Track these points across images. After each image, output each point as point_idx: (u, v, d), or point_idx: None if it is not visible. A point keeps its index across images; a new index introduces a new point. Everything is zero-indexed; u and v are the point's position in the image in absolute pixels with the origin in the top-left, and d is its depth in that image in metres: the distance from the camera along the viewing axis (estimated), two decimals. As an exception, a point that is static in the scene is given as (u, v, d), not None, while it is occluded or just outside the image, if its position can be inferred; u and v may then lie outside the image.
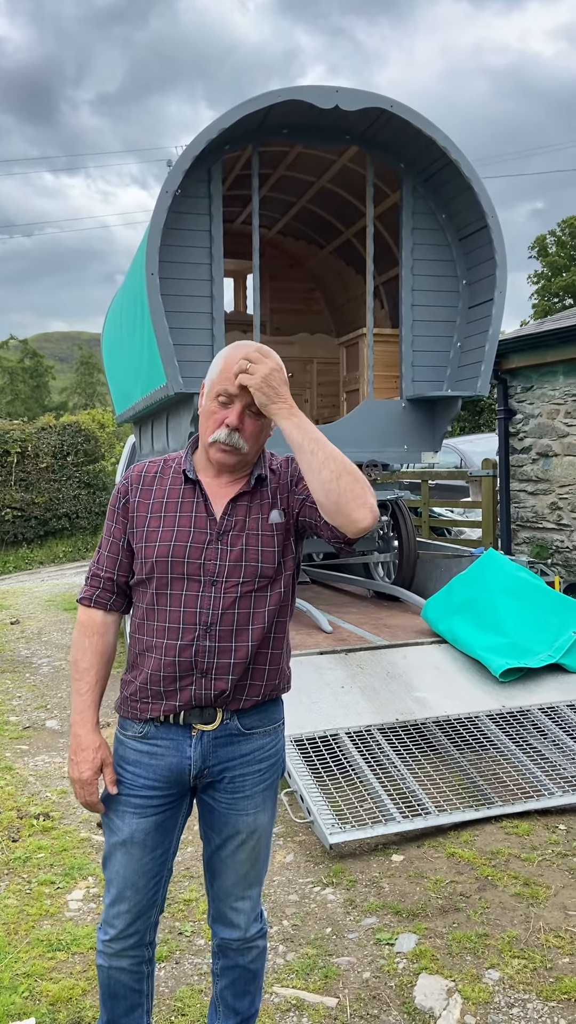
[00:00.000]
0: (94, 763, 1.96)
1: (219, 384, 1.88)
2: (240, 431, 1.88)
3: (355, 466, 1.79)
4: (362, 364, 6.67)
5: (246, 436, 1.90)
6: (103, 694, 2.04)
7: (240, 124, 5.48)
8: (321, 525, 1.87)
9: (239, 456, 1.92)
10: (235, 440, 1.89)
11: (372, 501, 1.77)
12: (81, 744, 1.97)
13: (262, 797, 2.00)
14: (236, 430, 1.88)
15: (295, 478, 1.98)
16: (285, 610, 2.00)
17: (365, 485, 1.77)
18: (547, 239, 36.25)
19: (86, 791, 1.97)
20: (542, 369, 8.46)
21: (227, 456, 1.91)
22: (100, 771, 1.97)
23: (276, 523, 1.95)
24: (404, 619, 6.10)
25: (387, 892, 3.26)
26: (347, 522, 1.77)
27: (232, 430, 1.88)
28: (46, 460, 16.44)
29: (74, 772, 1.97)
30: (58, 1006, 2.59)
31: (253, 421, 1.89)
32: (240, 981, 2.10)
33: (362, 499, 1.76)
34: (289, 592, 2.00)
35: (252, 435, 1.91)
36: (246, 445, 1.90)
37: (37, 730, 5.41)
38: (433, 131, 5.75)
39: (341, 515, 1.77)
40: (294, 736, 4.12)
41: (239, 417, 1.87)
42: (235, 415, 1.87)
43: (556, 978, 2.70)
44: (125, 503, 2.00)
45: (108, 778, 1.97)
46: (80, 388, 51.31)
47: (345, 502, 1.75)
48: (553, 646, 5.00)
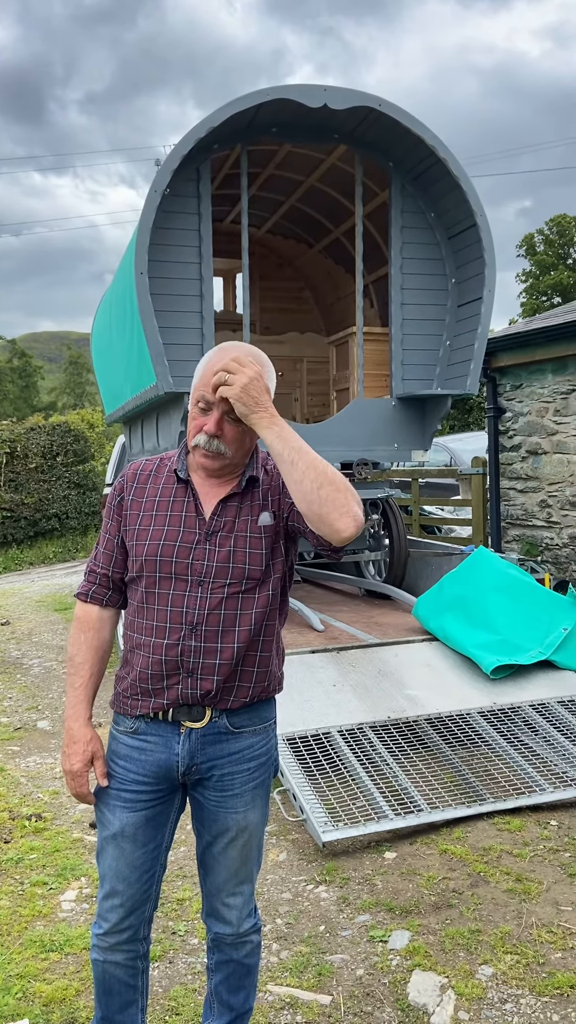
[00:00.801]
0: (85, 755, 1.99)
1: (198, 390, 1.89)
2: (220, 437, 1.88)
3: (338, 474, 1.76)
4: (352, 363, 6.68)
5: (227, 441, 1.89)
6: (97, 689, 2.05)
7: (229, 123, 5.48)
8: (308, 532, 1.85)
9: (223, 460, 1.92)
10: (215, 446, 1.89)
11: (356, 509, 1.75)
12: (73, 737, 2.00)
13: (252, 796, 2.01)
14: (215, 436, 1.88)
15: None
16: (274, 613, 1.99)
17: (348, 493, 1.75)
18: (535, 237, 36.39)
19: (77, 783, 2.00)
20: (531, 367, 8.50)
21: (209, 461, 1.92)
22: (91, 764, 2.00)
23: (265, 525, 1.95)
24: (395, 617, 6.11)
25: (380, 889, 3.27)
26: (330, 531, 1.75)
27: (211, 437, 1.88)
28: (35, 460, 16.38)
29: (66, 764, 2.01)
30: (52, 1007, 2.59)
31: (233, 427, 1.88)
32: (235, 976, 2.11)
33: (344, 508, 1.73)
34: (278, 596, 2.00)
35: (233, 440, 1.90)
36: (228, 450, 1.90)
37: (28, 731, 5.39)
38: (421, 130, 5.77)
39: (324, 524, 1.75)
40: (286, 735, 4.12)
41: (217, 424, 1.87)
42: (213, 423, 1.87)
43: (549, 973, 2.71)
44: (120, 501, 2.02)
45: (99, 771, 2.00)
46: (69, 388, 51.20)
47: (327, 512, 1.73)
48: (543, 643, 5.03)
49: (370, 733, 4.27)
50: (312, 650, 4.99)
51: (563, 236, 35.80)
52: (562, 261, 35.82)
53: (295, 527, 1.93)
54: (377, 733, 4.30)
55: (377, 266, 7.24)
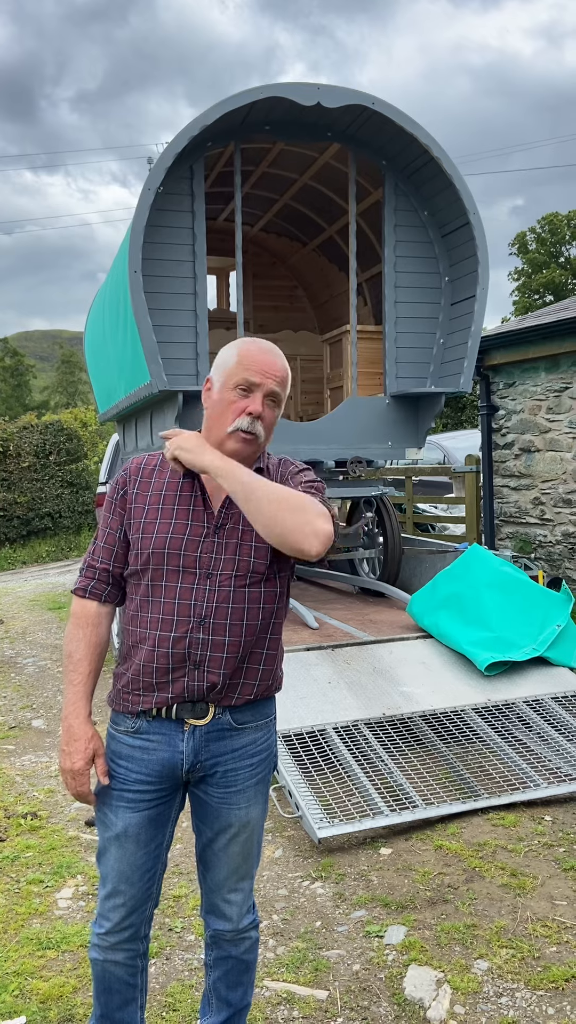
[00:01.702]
0: (86, 753, 1.96)
1: (239, 375, 1.90)
2: (261, 419, 1.91)
3: (292, 493, 1.77)
4: (346, 361, 6.69)
5: (265, 425, 1.93)
6: (95, 686, 2.03)
7: (222, 121, 5.48)
8: None
9: (256, 446, 1.94)
10: (256, 428, 1.90)
11: (319, 524, 1.75)
12: (74, 735, 1.97)
13: (254, 791, 2.01)
14: (258, 418, 1.90)
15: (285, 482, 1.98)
16: (281, 612, 2.01)
17: (309, 511, 1.75)
18: (527, 236, 36.47)
19: (78, 782, 1.97)
20: (524, 365, 8.52)
21: (246, 445, 1.92)
22: (92, 761, 1.97)
23: None
24: (390, 614, 6.12)
25: (376, 885, 3.28)
26: (298, 552, 1.77)
27: (255, 418, 1.90)
28: (28, 459, 16.34)
29: (66, 763, 1.97)
30: (49, 1004, 2.59)
31: (271, 411, 1.93)
32: (233, 972, 2.11)
33: (306, 527, 1.74)
34: (284, 593, 2.01)
35: (268, 425, 1.94)
36: (263, 433, 1.93)
37: (23, 730, 5.39)
38: (415, 128, 5.77)
39: (288, 547, 1.77)
40: (282, 732, 4.13)
41: (262, 404, 1.90)
42: (258, 402, 1.89)
43: (544, 967, 2.73)
44: (123, 495, 2.00)
45: (100, 769, 1.98)
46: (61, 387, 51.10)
47: (287, 535, 1.74)
48: (537, 639, 5.05)
49: (365, 730, 4.29)
50: (307, 647, 5.00)
51: (555, 234, 35.89)
52: (554, 259, 35.91)
53: None
54: (372, 730, 4.31)
55: (370, 264, 7.25)
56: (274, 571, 1.96)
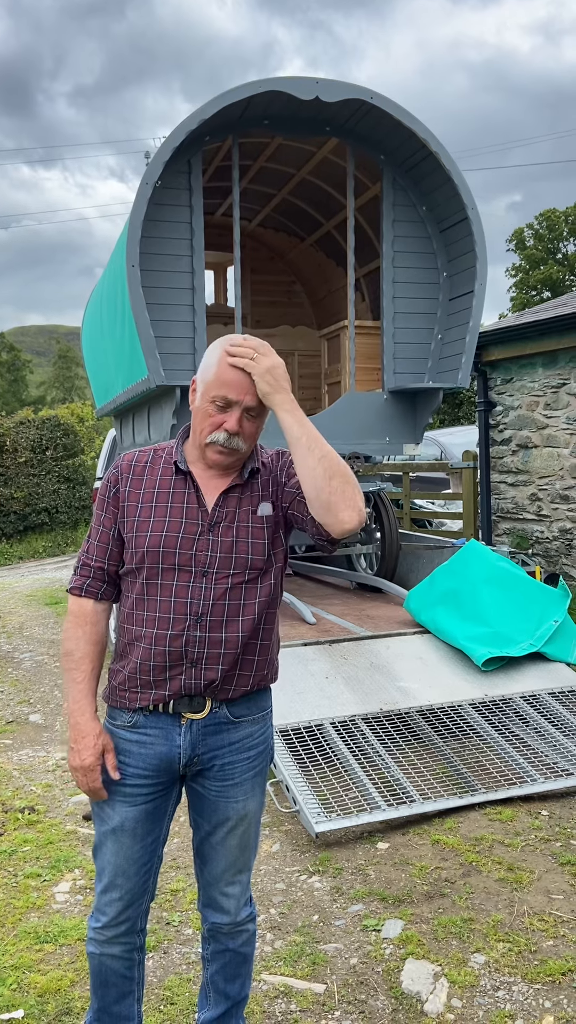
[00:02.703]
0: (96, 749, 1.95)
1: (215, 390, 1.88)
2: (239, 434, 1.89)
3: (348, 468, 1.83)
4: (344, 356, 6.68)
5: (244, 438, 1.91)
6: (98, 682, 2.03)
7: (220, 115, 5.46)
8: (308, 522, 1.88)
9: (236, 456, 1.93)
10: (234, 443, 1.90)
11: (361, 504, 1.82)
12: (82, 732, 1.96)
13: (251, 784, 2.02)
14: (235, 434, 1.89)
15: (287, 472, 1.99)
16: (275, 602, 2.01)
17: (356, 488, 1.82)
18: (524, 232, 36.45)
19: (89, 778, 1.95)
20: (521, 361, 8.52)
21: (224, 457, 1.92)
22: (102, 757, 1.96)
23: (266, 515, 1.96)
24: (387, 610, 6.13)
25: (373, 879, 3.29)
26: (334, 521, 1.81)
27: (232, 434, 1.88)
28: (25, 454, 16.30)
29: (76, 760, 1.95)
30: (46, 997, 2.59)
31: (251, 423, 1.91)
32: (231, 965, 2.12)
33: (351, 501, 1.80)
34: (279, 584, 2.02)
35: (250, 436, 1.93)
36: (244, 445, 1.92)
37: (20, 724, 5.39)
38: (413, 123, 5.76)
39: (329, 514, 1.81)
40: (279, 727, 4.13)
41: (238, 422, 1.88)
42: (234, 421, 1.88)
43: (540, 961, 2.74)
44: (116, 492, 1.99)
45: (110, 763, 1.96)
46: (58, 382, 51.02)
47: (335, 502, 1.79)
48: (534, 635, 5.05)
49: (362, 725, 4.29)
50: (304, 643, 5.01)
51: (553, 231, 35.88)
52: (551, 256, 35.91)
53: (295, 516, 1.94)
54: (369, 725, 4.31)
55: (368, 260, 7.24)
56: (271, 565, 1.96)
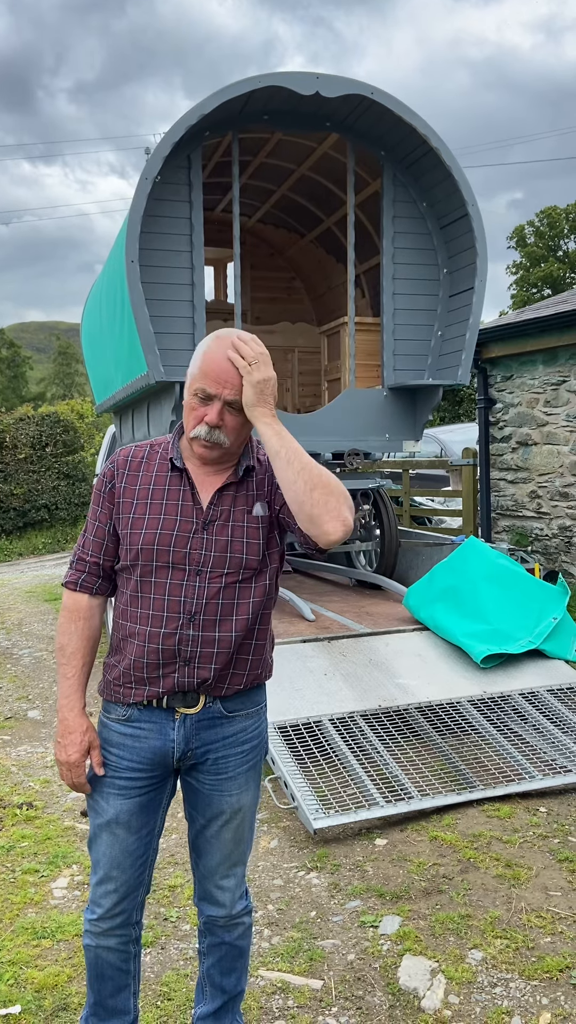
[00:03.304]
0: (81, 745, 1.97)
1: (198, 382, 1.87)
2: (221, 428, 1.88)
3: (332, 477, 1.79)
4: (344, 353, 6.67)
5: (227, 431, 1.89)
6: (89, 678, 2.04)
7: (220, 110, 5.44)
8: (296, 529, 1.87)
9: (221, 450, 1.92)
10: (215, 436, 1.88)
11: (346, 514, 1.78)
12: (69, 727, 1.97)
13: (245, 778, 2.02)
14: (216, 427, 1.87)
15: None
16: (270, 603, 2.01)
17: (340, 497, 1.78)
18: (525, 229, 36.41)
19: (73, 773, 1.98)
20: (522, 358, 8.51)
21: (208, 451, 1.91)
22: (87, 753, 1.98)
23: (261, 515, 1.95)
24: (386, 607, 6.13)
25: (371, 875, 3.29)
26: (319, 533, 1.78)
27: (212, 427, 1.87)
28: (25, 451, 16.30)
29: (61, 755, 1.98)
30: (44, 993, 2.59)
31: (234, 417, 1.88)
32: (227, 958, 2.12)
33: (335, 512, 1.77)
34: (274, 585, 2.01)
35: (233, 430, 1.90)
36: (227, 439, 1.90)
37: (19, 720, 5.39)
38: (413, 119, 5.75)
39: (314, 526, 1.78)
40: (278, 723, 4.13)
41: (219, 415, 1.86)
42: (215, 413, 1.86)
43: (538, 957, 2.74)
44: (111, 488, 1.99)
45: (95, 760, 1.98)
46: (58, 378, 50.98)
47: (318, 514, 1.77)
48: (533, 632, 5.05)
49: (361, 722, 4.29)
50: (303, 639, 5.00)
51: (553, 228, 35.83)
52: (552, 253, 35.87)
53: (286, 522, 1.93)
54: (368, 722, 4.31)
55: (368, 256, 7.22)
56: (265, 565, 1.95)
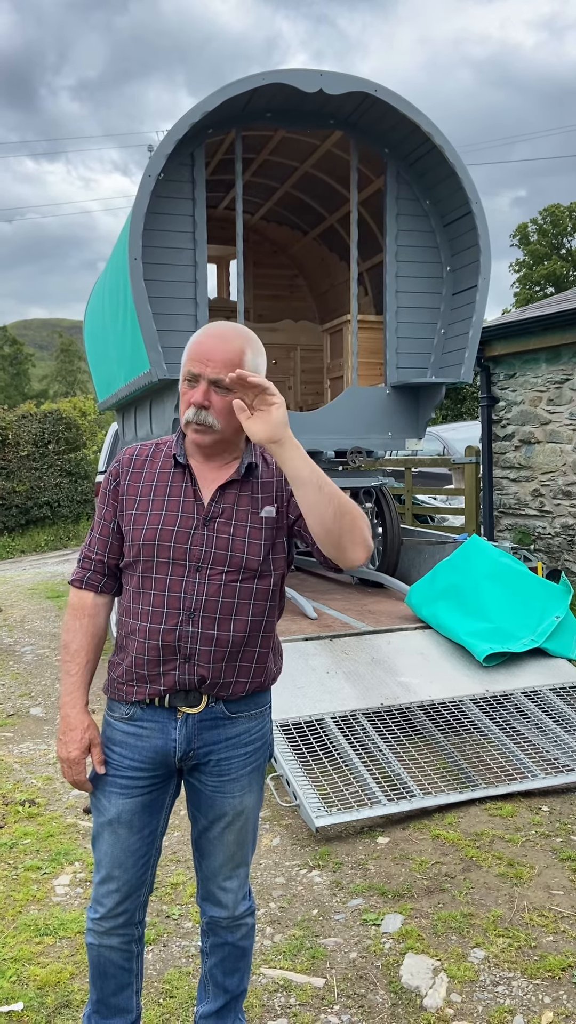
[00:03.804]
0: (82, 743, 1.97)
1: (185, 366, 1.88)
2: (208, 408, 1.86)
3: (354, 503, 1.77)
4: (346, 351, 6.66)
5: (216, 413, 1.87)
6: (93, 676, 2.04)
7: (223, 107, 5.43)
8: (316, 550, 1.86)
9: (213, 435, 1.89)
10: (203, 418, 1.86)
11: (369, 538, 1.78)
12: (70, 724, 1.98)
13: (248, 780, 2.01)
14: (203, 407, 1.86)
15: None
16: (274, 610, 1.98)
17: (364, 522, 1.77)
18: (529, 227, 36.34)
19: (74, 770, 1.98)
20: (525, 356, 8.50)
21: (200, 436, 1.89)
22: (88, 751, 1.98)
23: (268, 517, 1.93)
24: (388, 605, 6.12)
25: (373, 874, 3.29)
26: (344, 558, 1.78)
27: (199, 408, 1.86)
28: (27, 448, 16.30)
29: (63, 752, 1.98)
30: (46, 990, 2.59)
31: (221, 398, 1.86)
32: (230, 958, 2.12)
33: (360, 538, 1.76)
34: (278, 592, 1.98)
35: (222, 412, 1.87)
36: (217, 422, 1.87)
37: (21, 717, 5.39)
38: (417, 116, 5.74)
39: (339, 552, 1.78)
40: (280, 721, 4.13)
41: (204, 395, 1.85)
42: (200, 393, 1.85)
43: (540, 956, 2.74)
44: (115, 486, 1.99)
45: (96, 758, 1.98)
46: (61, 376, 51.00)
47: (345, 541, 1.75)
48: (536, 631, 5.05)
49: (363, 719, 4.29)
50: (305, 637, 5.00)
51: (557, 226, 35.77)
52: (555, 251, 35.80)
53: (304, 537, 1.92)
54: (370, 719, 4.31)
55: (372, 254, 7.21)
56: (268, 568, 1.93)
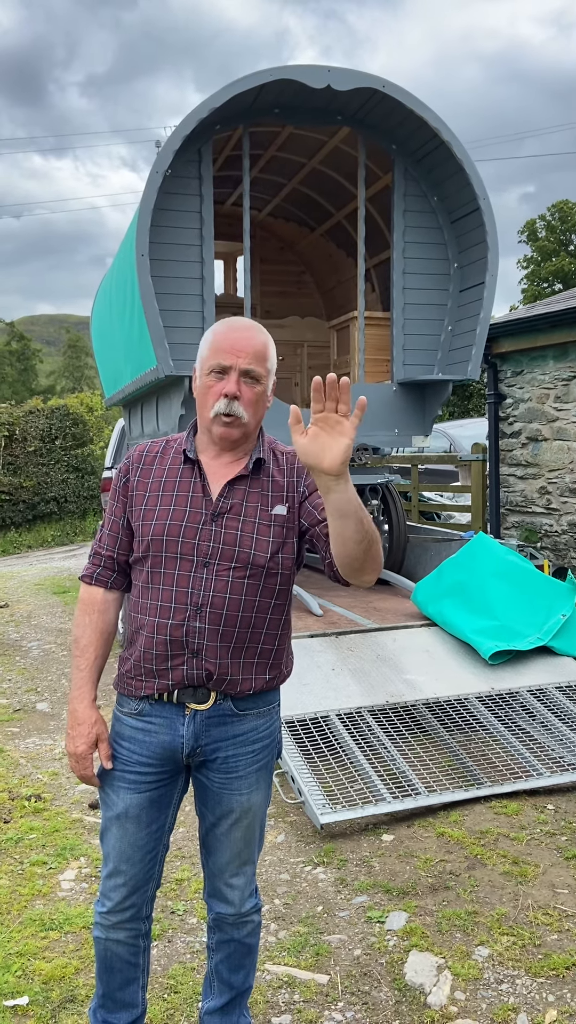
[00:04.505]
0: (89, 738, 1.98)
1: (212, 359, 1.88)
2: (239, 399, 1.88)
3: (375, 527, 1.76)
4: (353, 347, 6.65)
5: (245, 404, 1.89)
6: (102, 671, 2.05)
7: (231, 103, 5.43)
8: (327, 564, 1.87)
9: (242, 427, 1.91)
10: (235, 409, 1.88)
11: (381, 557, 1.80)
12: (78, 719, 1.99)
13: (255, 777, 2.01)
14: (235, 398, 1.87)
15: (308, 485, 1.96)
16: (281, 609, 1.98)
17: (380, 545, 1.79)
18: (537, 223, 36.17)
19: (81, 765, 2.00)
20: (532, 353, 8.47)
21: (230, 428, 1.90)
22: (95, 746, 1.99)
23: (278, 515, 1.94)
24: (394, 602, 6.12)
25: (377, 871, 3.29)
26: (358, 580, 1.82)
27: (231, 399, 1.87)
28: (34, 444, 16.33)
29: (70, 746, 2.00)
30: (51, 984, 2.60)
31: (250, 388, 1.89)
32: (235, 955, 2.12)
33: (379, 563, 1.79)
34: (286, 591, 1.98)
35: (250, 403, 1.90)
36: (246, 414, 1.90)
37: (28, 713, 5.41)
38: (425, 112, 5.72)
39: (356, 574, 1.80)
40: (285, 718, 4.13)
41: (236, 384, 1.87)
42: (232, 383, 1.87)
43: (545, 955, 2.74)
44: (125, 482, 2.01)
45: (103, 753, 2.00)
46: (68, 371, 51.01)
47: (366, 567, 1.78)
48: (542, 629, 5.04)
49: (368, 717, 4.29)
50: (311, 634, 5.00)
51: (565, 222, 35.59)
52: (564, 248, 35.64)
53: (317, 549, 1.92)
54: (375, 717, 4.31)
55: (379, 250, 7.20)
56: (276, 565, 1.94)
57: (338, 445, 1.58)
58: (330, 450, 1.59)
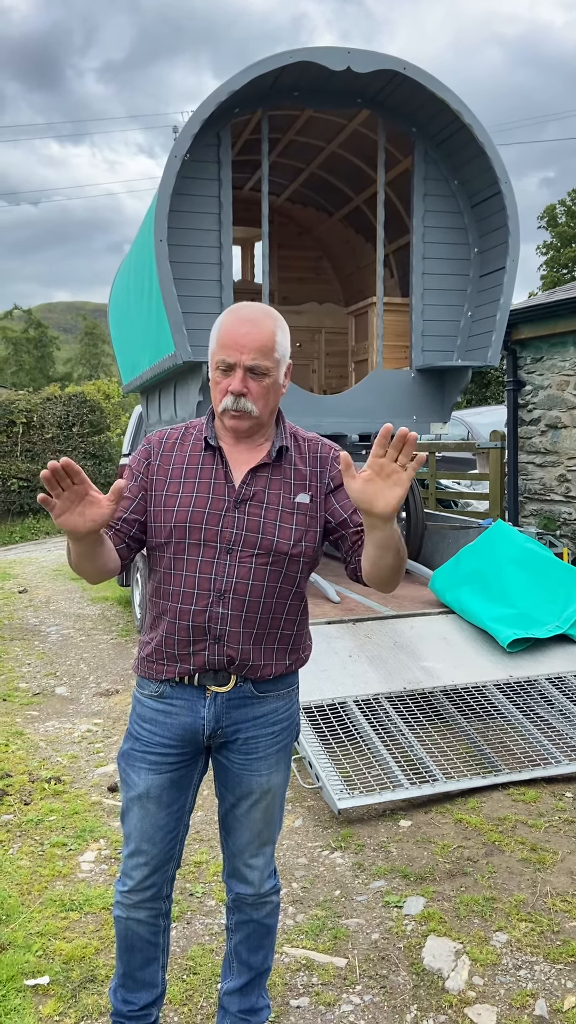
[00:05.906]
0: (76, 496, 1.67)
1: (218, 354, 1.87)
2: (246, 395, 1.87)
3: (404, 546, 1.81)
4: (371, 334, 6.61)
5: (253, 398, 1.87)
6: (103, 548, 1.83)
7: (250, 86, 5.39)
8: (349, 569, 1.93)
9: (251, 420, 1.90)
10: (242, 405, 1.87)
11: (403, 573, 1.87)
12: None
13: (275, 759, 2.02)
14: (241, 395, 1.86)
15: (333, 478, 1.96)
16: (300, 595, 1.99)
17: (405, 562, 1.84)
18: (556, 209, 35.75)
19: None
20: (552, 340, 8.38)
21: (239, 422, 1.90)
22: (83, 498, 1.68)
23: (302, 503, 1.93)
24: (411, 590, 6.10)
25: (395, 856, 3.30)
26: (380, 589, 1.89)
27: (237, 396, 1.86)
28: (52, 431, 16.41)
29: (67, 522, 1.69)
30: (71, 964, 2.63)
31: (257, 382, 1.87)
32: (255, 936, 2.14)
33: (401, 577, 1.85)
34: (306, 579, 1.99)
35: (259, 396, 1.88)
36: (255, 407, 1.88)
37: (47, 696, 5.45)
38: (446, 94, 5.65)
39: (380, 587, 1.88)
40: (303, 703, 4.14)
41: (241, 382, 1.85)
42: (238, 381, 1.85)
43: (563, 941, 2.73)
44: (147, 465, 1.99)
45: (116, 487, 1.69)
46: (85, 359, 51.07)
47: (392, 584, 1.86)
48: (561, 617, 5.01)
49: (386, 703, 4.29)
50: (328, 621, 5.00)
51: (586, 207, 35.12)
52: (584, 233, 35.19)
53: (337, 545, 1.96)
54: (393, 703, 4.31)
55: (398, 235, 7.14)
56: (299, 554, 1.93)
57: (392, 494, 1.64)
58: (383, 497, 1.65)
